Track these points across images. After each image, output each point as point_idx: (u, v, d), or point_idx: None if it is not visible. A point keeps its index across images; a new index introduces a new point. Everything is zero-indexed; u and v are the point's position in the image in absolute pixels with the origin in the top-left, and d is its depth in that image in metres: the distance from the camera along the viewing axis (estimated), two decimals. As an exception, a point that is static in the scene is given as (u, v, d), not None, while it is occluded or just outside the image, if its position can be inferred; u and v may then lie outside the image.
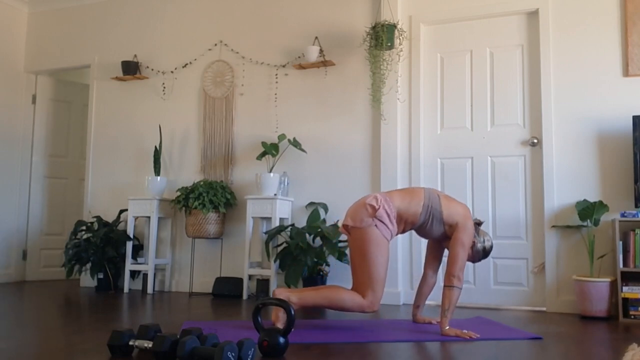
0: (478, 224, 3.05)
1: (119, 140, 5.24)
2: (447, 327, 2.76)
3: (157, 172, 4.78)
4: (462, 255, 2.84)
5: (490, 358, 2.26)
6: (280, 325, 2.71)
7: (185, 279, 4.80)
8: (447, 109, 4.25)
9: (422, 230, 2.99)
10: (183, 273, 4.83)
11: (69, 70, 5.71)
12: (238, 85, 4.82)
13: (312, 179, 4.48)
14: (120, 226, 5.03)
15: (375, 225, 2.81)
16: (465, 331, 2.75)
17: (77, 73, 6.27)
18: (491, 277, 4.01)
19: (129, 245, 4.71)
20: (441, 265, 3.24)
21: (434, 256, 3.17)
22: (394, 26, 4.10)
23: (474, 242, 2.97)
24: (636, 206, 3.51)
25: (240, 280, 4.44)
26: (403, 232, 2.98)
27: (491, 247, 3.03)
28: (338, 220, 4.29)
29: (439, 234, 2.96)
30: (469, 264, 4.02)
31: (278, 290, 2.85)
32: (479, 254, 3.02)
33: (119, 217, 4.89)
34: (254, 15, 4.84)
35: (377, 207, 2.81)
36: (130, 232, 4.72)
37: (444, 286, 2.82)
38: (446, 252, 3.59)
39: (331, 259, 4.25)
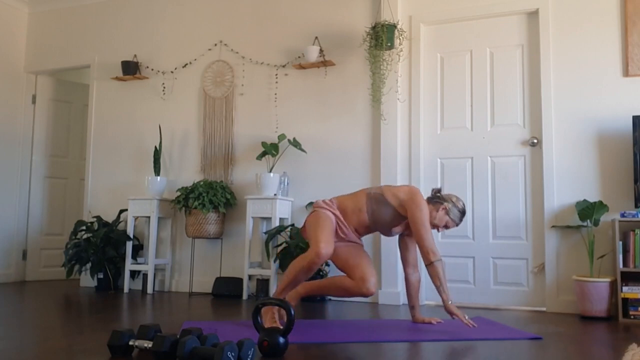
0: (438, 191, 3.12)
1: (119, 140, 5.23)
2: (450, 302, 2.88)
3: (157, 172, 4.78)
4: (424, 231, 2.91)
5: (490, 358, 2.26)
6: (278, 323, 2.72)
7: (185, 279, 4.80)
8: (447, 109, 4.25)
9: (379, 223, 3.05)
10: (183, 273, 4.83)
11: (69, 70, 5.71)
12: (238, 85, 4.82)
13: (312, 179, 4.48)
14: (120, 226, 5.03)
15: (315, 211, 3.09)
16: (467, 318, 2.86)
17: (77, 73, 6.27)
18: (491, 277, 4.01)
19: (129, 245, 4.71)
20: (418, 259, 3.26)
21: (406, 252, 3.20)
22: (394, 26, 4.10)
23: (445, 207, 3.04)
24: (636, 206, 3.51)
25: (240, 280, 4.45)
26: (362, 231, 3.09)
27: (464, 205, 3.10)
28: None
29: (391, 217, 3.03)
30: (469, 263, 4.04)
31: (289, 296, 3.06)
32: (457, 215, 3.07)
33: (119, 217, 4.89)
34: (254, 16, 4.84)
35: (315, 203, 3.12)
36: (130, 232, 4.72)
37: (426, 266, 2.91)
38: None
39: (331, 259, 4.25)
